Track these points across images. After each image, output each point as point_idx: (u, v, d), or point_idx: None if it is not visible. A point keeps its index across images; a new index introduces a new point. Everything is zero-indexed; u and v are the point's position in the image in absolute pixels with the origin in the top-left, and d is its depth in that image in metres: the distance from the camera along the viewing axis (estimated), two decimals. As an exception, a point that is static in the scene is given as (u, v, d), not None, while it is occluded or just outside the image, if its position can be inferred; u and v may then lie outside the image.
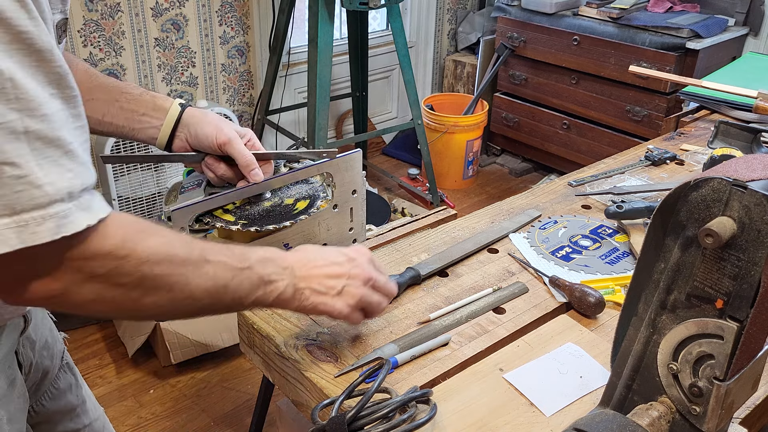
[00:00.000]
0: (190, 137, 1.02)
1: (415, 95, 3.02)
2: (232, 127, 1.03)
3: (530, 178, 3.78)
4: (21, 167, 0.57)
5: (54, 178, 0.59)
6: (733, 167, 0.69)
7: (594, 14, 3.27)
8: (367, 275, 0.88)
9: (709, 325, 0.68)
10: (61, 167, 0.60)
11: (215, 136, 1.00)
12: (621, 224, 1.29)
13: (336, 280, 0.86)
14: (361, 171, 1.16)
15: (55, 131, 0.60)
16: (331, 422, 0.78)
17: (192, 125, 1.01)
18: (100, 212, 0.63)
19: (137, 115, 0.99)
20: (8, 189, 0.57)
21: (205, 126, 1.01)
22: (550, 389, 0.90)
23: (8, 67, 0.56)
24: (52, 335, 1.00)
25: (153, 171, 2.76)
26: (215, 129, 1.00)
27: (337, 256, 0.88)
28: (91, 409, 1.09)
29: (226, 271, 0.75)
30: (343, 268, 0.87)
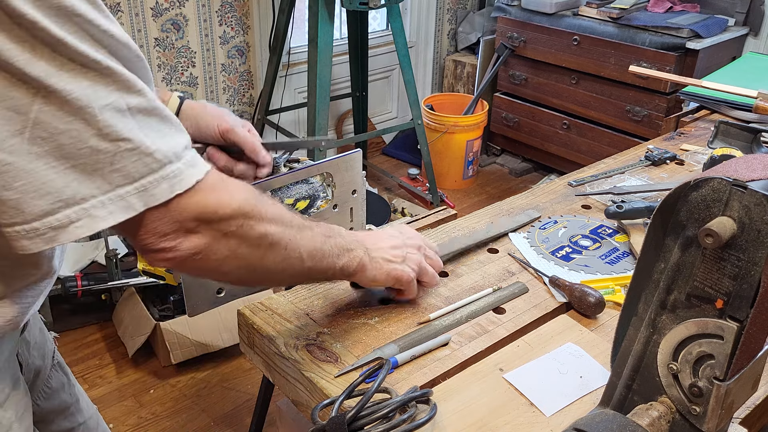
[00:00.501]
0: (191, 129, 1.03)
1: (415, 95, 3.02)
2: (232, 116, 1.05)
3: (530, 178, 3.78)
4: (132, 140, 0.63)
5: (160, 144, 0.65)
6: (733, 167, 0.69)
7: (594, 14, 3.27)
8: (419, 243, 1.02)
9: (709, 325, 0.68)
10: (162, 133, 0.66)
11: (217, 125, 1.04)
12: (621, 224, 1.29)
13: (399, 250, 0.97)
14: (361, 171, 1.16)
15: (151, 102, 0.66)
16: (331, 422, 0.78)
17: (192, 117, 1.03)
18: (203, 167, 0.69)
19: None
20: (126, 161, 0.63)
21: (205, 116, 1.04)
22: (550, 389, 0.90)
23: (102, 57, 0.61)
24: (42, 335, 1.00)
25: (153, 171, 2.76)
26: (216, 118, 1.04)
27: (392, 231, 1.01)
28: (84, 407, 1.09)
29: (319, 237, 0.85)
30: (400, 239, 0.99)
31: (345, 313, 1.05)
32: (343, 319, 1.03)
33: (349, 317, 1.04)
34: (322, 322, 1.02)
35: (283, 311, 1.05)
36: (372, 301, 1.07)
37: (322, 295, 1.09)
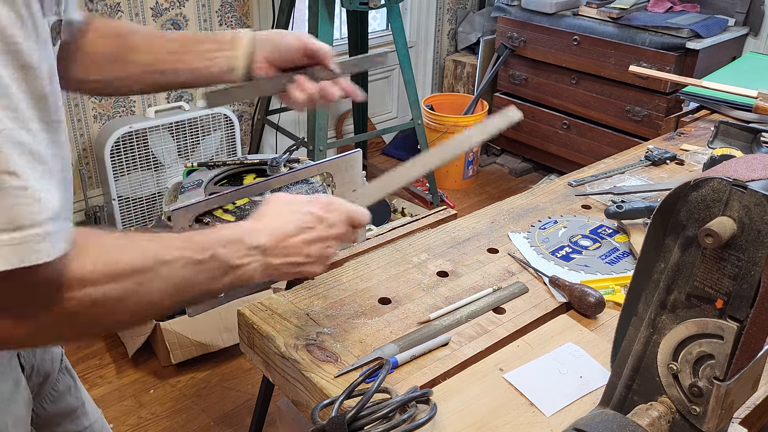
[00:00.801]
0: (273, 54, 0.97)
1: (415, 95, 3.01)
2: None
3: (530, 178, 3.78)
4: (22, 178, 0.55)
5: (47, 195, 0.57)
6: (733, 167, 0.69)
7: (594, 14, 3.27)
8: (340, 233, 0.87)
9: (709, 325, 0.68)
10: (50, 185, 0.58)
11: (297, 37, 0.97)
12: (621, 224, 1.29)
13: (313, 247, 0.84)
14: (361, 171, 1.16)
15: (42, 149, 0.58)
16: (331, 422, 0.78)
17: (270, 40, 0.97)
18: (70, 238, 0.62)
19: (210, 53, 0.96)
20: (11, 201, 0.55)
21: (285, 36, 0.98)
22: (550, 389, 0.90)
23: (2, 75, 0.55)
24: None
25: (153, 171, 2.76)
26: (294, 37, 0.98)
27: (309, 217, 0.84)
28: (90, 411, 1.09)
29: (185, 268, 0.72)
30: (317, 231, 0.84)
31: (345, 313, 1.05)
32: (343, 319, 1.03)
33: (349, 317, 1.04)
34: (322, 322, 1.02)
35: (283, 311, 1.05)
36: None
37: (322, 295, 1.09)
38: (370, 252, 1.21)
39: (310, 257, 0.84)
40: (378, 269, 1.16)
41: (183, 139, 2.79)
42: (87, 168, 2.87)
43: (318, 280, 1.13)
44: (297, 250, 0.82)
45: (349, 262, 1.18)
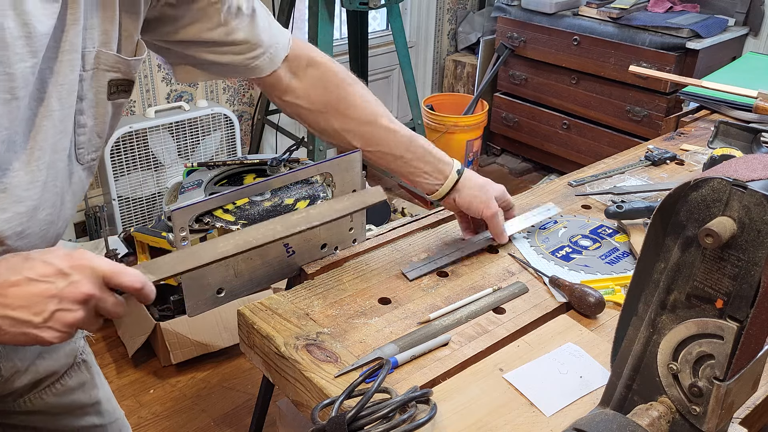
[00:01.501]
0: (461, 201, 1.15)
1: (415, 95, 3.01)
2: (497, 194, 1.17)
3: (530, 178, 3.78)
4: None
5: None
6: (733, 167, 0.69)
7: (594, 14, 3.27)
8: (83, 294, 0.69)
9: (709, 325, 0.68)
10: None
11: (482, 211, 1.15)
12: (621, 224, 1.29)
13: (42, 304, 0.67)
14: (361, 171, 1.16)
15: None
16: (331, 422, 0.78)
17: (464, 195, 1.15)
18: None
19: (420, 172, 1.14)
20: None
21: (475, 199, 1.15)
22: (550, 389, 0.90)
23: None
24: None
25: (153, 171, 2.76)
26: (483, 204, 1.15)
27: (44, 268, 0.68)
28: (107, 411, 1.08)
29: None
30: (51, 288, 0.68)
31: (345, 313, 1.05)
32: (343, 319, 1.03)
33: (349, 317, 1.04)
34: (322, 322, 1.02)
35: (283, 311, 1.05)
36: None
37: (321, 295, 1.09)
38: (370, 252, 1.21)
39: (38, 315, 0.67)
40: (378, 269, 1.16)
41: (183, 139, 2.79)
42: (87, 168, 2.86)
43: (318, 280, 1.13)
44: (22, 302, 0.67)
45: (349, 262, 1.18)
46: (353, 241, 1.21)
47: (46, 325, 0.68)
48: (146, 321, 2.28)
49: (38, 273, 0.68)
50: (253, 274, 1.10)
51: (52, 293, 0.67)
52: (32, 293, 0.67)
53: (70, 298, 0.68)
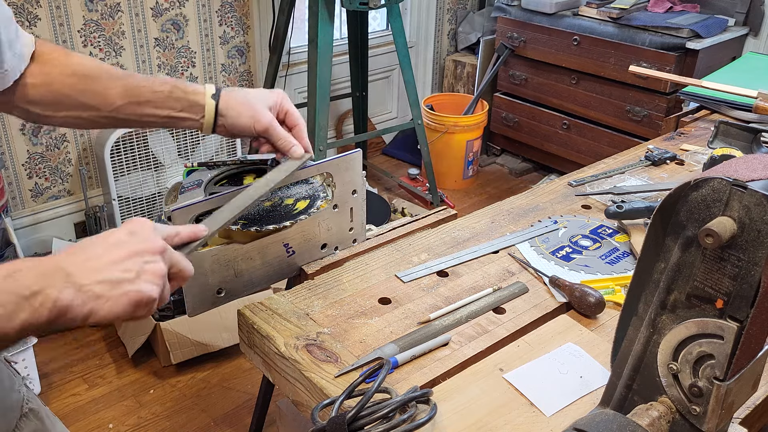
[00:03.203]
0: (230, 127, 1.03)
1: (415, 95, 3.01)
2: (266, 104, 1.04)
3: (530, 178, 3.78)
4: None
5: None
6: (733, 167, 0.69)
7: (594, 14, 3.26)
8: (160, 246, 0.74)
9: (709, 325, 0.68)
10: None
11: (252, 127, 1.02)
12: (621, 224, 1.29)
13: (128, 261, 0.70)
14: (361, 171, 1.16)
15: None
16: (331, 422, 0.78)
17: (229, 116, 1.02)
18: None
19: (175, 112, 1.01)
20: None
21: (241, 117, 1.02)
22: (550, 389, 0.90)
23: None
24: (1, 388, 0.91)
25: (153, 171, 2.76)
26: (251, 119, 1.02)
27: (114, 236, 0.72)
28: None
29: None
30: (130, 246, 0.71)
31: (345, 313, 1.05)
32: (343, 319, 1.03)
33: (349, 317, 1.04)
34: (322, 322, 1.02)
35: (283, 311, 1.05)
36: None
37: (321, 295, 1.09)
38: (370, 252, 1.21)
39: (129, 272, 0.70)
40: (378, 269, 1.16)
41: (183, 139, 2.79)
42: (87, 168, 2.87)
43: (318, 280, 1.13)
44: (109, 266, 0.69)
45: (349, 262, 1.18)
46: (353, 241, 1.21)
47: (141, 279, 0.70)
48: (146, 321, 2.28)
49: (110, 241, 0.71)
50: (253, 274, 1.10)
51: (132, 250, 0.71)
52: (116, 256, 0.70)
53: (150, 250, 0.72)
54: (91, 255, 0.69)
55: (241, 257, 1.07)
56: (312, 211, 1.10)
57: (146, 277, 0.70)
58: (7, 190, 2.66)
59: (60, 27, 2.61)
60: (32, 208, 2.78)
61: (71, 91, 0.96)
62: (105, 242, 0.71)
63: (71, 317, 0.66)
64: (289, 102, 1.07)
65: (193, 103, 1.01)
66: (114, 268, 0.69)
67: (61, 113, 0.97)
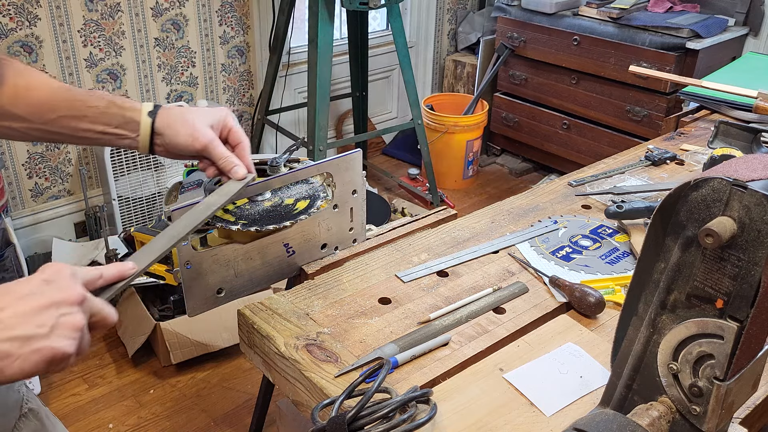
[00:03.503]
0: (168, 147, 0.98)
1: (415, 95, 3.01)
2: (207, 122, 0.98)
3: (530, 178, 3.78)
4: None
5: None
6: (733, 167, 0.69)
7: (594, 14, 3.27)
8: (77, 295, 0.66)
9: (709, 325, 0.68)
10: None
11: (192, 146, 0.96)
12: (621, 224, 1.29)
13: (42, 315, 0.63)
14: (361, 171, 1.16)
15: None
16: (331, 422, 0.78)
17: (166, 135, 0.97)
18: None
19: (111, 128, 0.96)
20: None
21: (179, 135, 0.97)
22: (550, 389, 0.90)
23: None
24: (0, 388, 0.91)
25: (153, 171, 2.76)
26: (190, 137, 0.96)
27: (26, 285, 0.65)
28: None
29: None
30: (44, 296, 0.64)
31: (345, 313, 1.05)
32: (343, 319, 1.03)
33: (349, 317, 1.04)
34: (322, 322, 1.02)
35: (283, 311, 1.05)
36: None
37: (321, 295, 1.09)
38: (370, 252, 1.21)
39: (43, 327, 0.63)
40: (378, 269, 1.16)
41: (183, 139, 2.79)
42: (87, 168, 2.87)
43: (318, 280, 1.13)
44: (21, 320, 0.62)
45: (349, 262, 1.18)
46: (353, 241, 1.21)
47: (55, 334, 0.64)
48: (146, 321, 2.28)
49: (22, 291, 0.64)
50: (253, 274, 1.10)
51: (46, 302, 0.64)
52: (27, 308, 0.63)
53: (67, 301, 0.65)
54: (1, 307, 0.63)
55: (241, 257, 1.07)
56: (312, 211, 1.10)
57: (61, 331, 0.64)
58: (7, 190, 2.66)
59: (60, 27, 2.61)
60: (32, 208, 2.78)
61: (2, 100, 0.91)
62: (15, 293, 0.64)
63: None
64: (233, 119, 1.02)
65: (129, 120, 0.96)
66: (25, 323, 0.62)
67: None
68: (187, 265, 1.01)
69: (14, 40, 2.52)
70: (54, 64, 2.64)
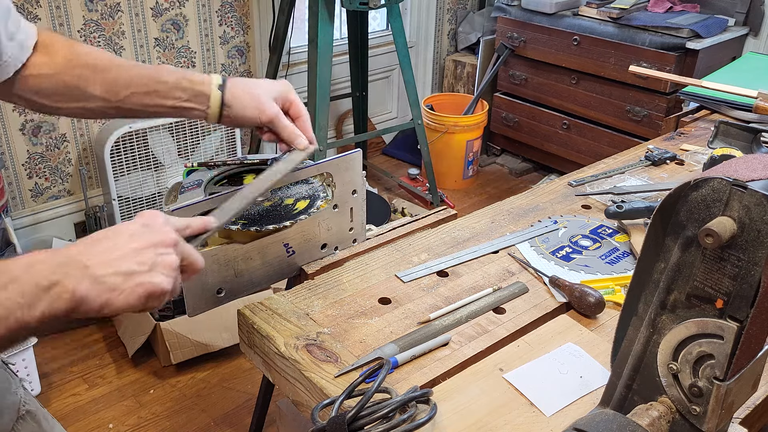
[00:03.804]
0: (236, 118, 1.03)
1: (415, 95, 3.01)
2: (272, 95, 1.04)
3: (530, 178, 3.78)
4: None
5: None
6: (733, 167, 0.69)
7: (594, 14, 3.26)
8: (172, 238, 0.74)
9: (709, 325, 0.68)
10: None
11: (258, 118, 1.02)
12: (621, 224, 1.29)
13: (142, 254, 0.70)
14: (361, 171, 1.16)
15: None
16: (331, 422, 0.78)
17: (235, 107, 1.02)
18: None
19: (181, 102, 1.00)
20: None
21: (246, 108, 1.02)
22: (550, 389, 0.90)
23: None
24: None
25: (153, 171, 2.76)
26: (256, 110, 1.02)
27: (128, 228, 0.73)
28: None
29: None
30: (143, 238, 0.72)
31: (345, 313, 1.05)
32: (343, 319, 1.03)
33: (349, 317, 1.04)
34: (322, 322, 1.02)
35: (283, 311, 1.05)
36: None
37: (321, 295, 1.09)
38: (370, 252, 1.21)
39: (144, 264, 0.70)
40: (378, 269, 1.16)
41: (183, 139, 2.79)
42: (87, 168, 2.87)
43: (318, 280, 1.13)
44: (124, 258, 0.69)
45: (349, 262, 1.18)
46: (353, 241, 1.21)
47: (155, 271, 0.70)
48: (146, 321, 2.28)
49: (125, 234, 0.72)
50: (253, 274, 1.10)
51: (145, 243, 0.71)
52: (129, 248, 0.70)
53: (163, 242, 0.72)
54: (107, 247, 0.70)
55: (241, 257, 1.07)
56: (312, 211, 1.10)
57: (160, 269, 0.71)
58: (7, 190, 2.66)
59: (60, 27, 2.61)
60: (32, 208, 2.78)
61: (78, 82, 0.96)
62: (119, 234, 0.72)
63: (88, 308, 0.67)
64: (294, 93, 1.07)
65: (199, 93, 1.01)
66: (129, 260, 0.69)
67: (67, 104, 0.97)
68: (187, 265, 1.01)
69: (14, 40, 2.52)
70: (54, 64, 2.63)
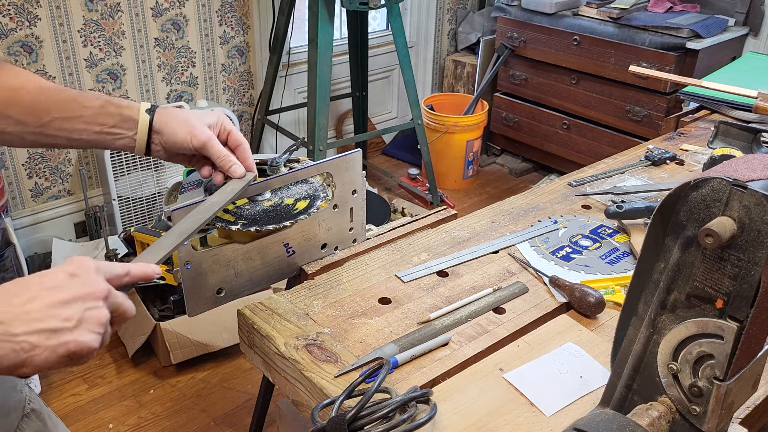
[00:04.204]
0: (166, 145, 0.97)
1: (415, 95, 3.01)
2: (205, 122, 0.98)
3: (530, 178, 3.78)
4: None
5: None
6: (733, 167, 0.69)
7: (594, 14, 3.27)
8: (103, 290, 0.67)
9: (709, 325, 0.68)
10: None
11: (190, 142, 0.96)
12: (621, 224, 1.29)
13: (68, 308, 0.63)
14: (361, 171, 1.16)
15: None
16: (331, 422, 0.78)
17: (165, 133, 0.96)
18: None
19: (107, 127, 0.95)
20: None
21: (177, 133, 0.96)
22: (550, 389, 0.90)
23: None
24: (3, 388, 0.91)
25: (153, 171, 2.76)
26: (188, 134, 0.96)
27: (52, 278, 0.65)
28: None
29: None
30: (69, 290, 0.64)
31: (345, 313, 1.05)
32: (343, 319, 1.03)
33: (349, 317, 1.04)
34: (322, 322, 1.02)
35: (283, 311, 1.05)
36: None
37: (321, 295, 1.09)
38: (370, 252, 1.21)
39: (69, 320, 0.63)
40: (378, 269, 1.16)
41: (183, 139, 2.79)
42: (87, 168, 2.87)
43: (318, 280, 1.13)
44: (48, 312, 0.62)
45: (349, 262, 1.18)
46: (353, 241, 1.21)
47: (81, 328, 0.64)
48: (146, 321, 2.28)
49: (48, 285, 0.64)
50: (253, 274, 1.10)
51: (73, 296, 0.64)
52: (55, 301, 0.63)
53: (93, 295, 0.65)
54: (26, 299, 0.62)
55: (241, 257, 1.07)
56: (312, 211, 1.10)
57: (87, 325, 0.64)
58: (7, 190, 2.66)
59: (60, 27, 2.61)
60: (32, 208, 2.78)
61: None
62: (42, 285, 0.64)
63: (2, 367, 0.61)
64: (230, 123, 1.02)
65: (127, 119, 0.95)
66: (52, 316, 0.62)
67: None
68: (187, 265, 1.01)
69: (14, 40, 2.52)
70: (54, 64, 2.64)
